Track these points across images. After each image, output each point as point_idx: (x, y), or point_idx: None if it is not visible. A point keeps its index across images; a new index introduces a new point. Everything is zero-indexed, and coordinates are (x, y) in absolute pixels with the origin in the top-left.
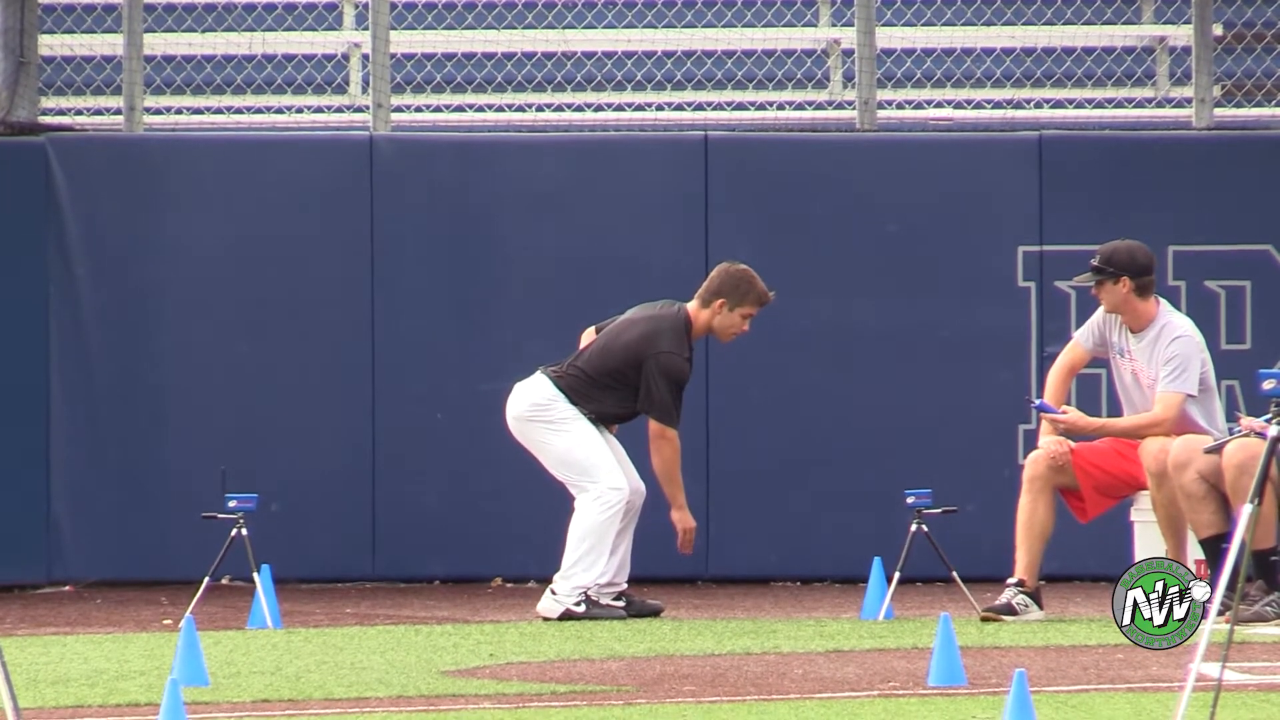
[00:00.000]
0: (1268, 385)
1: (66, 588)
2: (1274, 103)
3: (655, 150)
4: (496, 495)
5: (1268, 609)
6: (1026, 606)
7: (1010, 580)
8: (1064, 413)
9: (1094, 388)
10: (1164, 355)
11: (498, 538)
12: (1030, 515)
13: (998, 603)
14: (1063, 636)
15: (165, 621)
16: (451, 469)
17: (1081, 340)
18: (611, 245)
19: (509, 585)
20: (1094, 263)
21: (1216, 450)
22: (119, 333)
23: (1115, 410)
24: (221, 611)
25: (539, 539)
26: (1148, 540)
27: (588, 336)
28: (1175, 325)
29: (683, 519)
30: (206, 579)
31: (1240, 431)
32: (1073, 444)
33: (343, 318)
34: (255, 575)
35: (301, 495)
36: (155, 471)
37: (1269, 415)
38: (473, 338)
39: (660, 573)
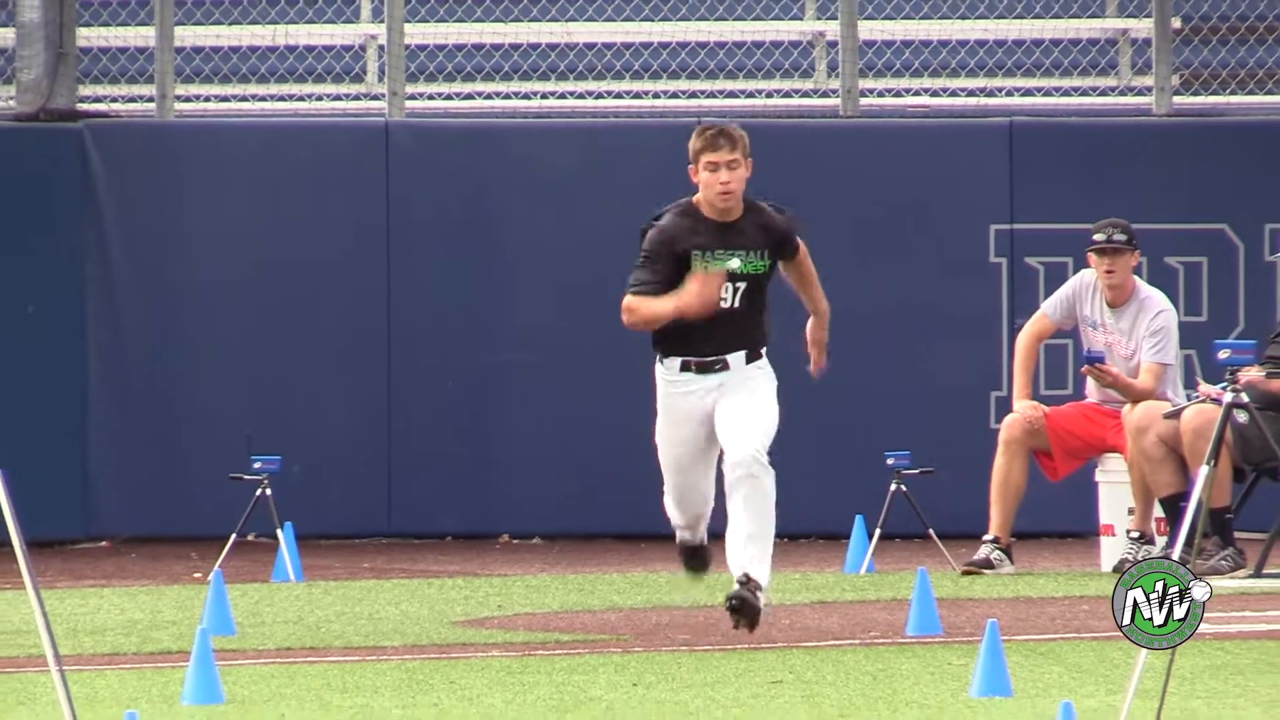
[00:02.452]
0: (1223, 355)
1: (103, 543)
2: (1229, 91)
3: (652, 135)
4: (503, 458)
5: (1223, 563)
6: (1001, 561)
7: (986, 537)
8: (1110, 371)
9: (1060, 357)
10: (1149, 328)
11: (504, 497)
12: (1005, 475)
13: (976, 558)
14: (1032, 589)
15: (195, 575)
16: (461, 433)
17: (1048, 312)
18: (611, 223)
19: (515, 541)
20: (1116, 236)
21: (1175, 415)
22: (151, 306)
23: (1079, 378)
24: (247, 566)
25: (542, 499)
26: (1111, 499)
27: None
28: (1156, 300)
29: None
30: (233, 535)
31: (1197, 398)
32: (1045, 409)
33: (360, 293)
34: (278, 532)
35: (321, 457)
36: (185, 435)
37: (1224, 383)
38: (481, 312)
39: (650, 529)
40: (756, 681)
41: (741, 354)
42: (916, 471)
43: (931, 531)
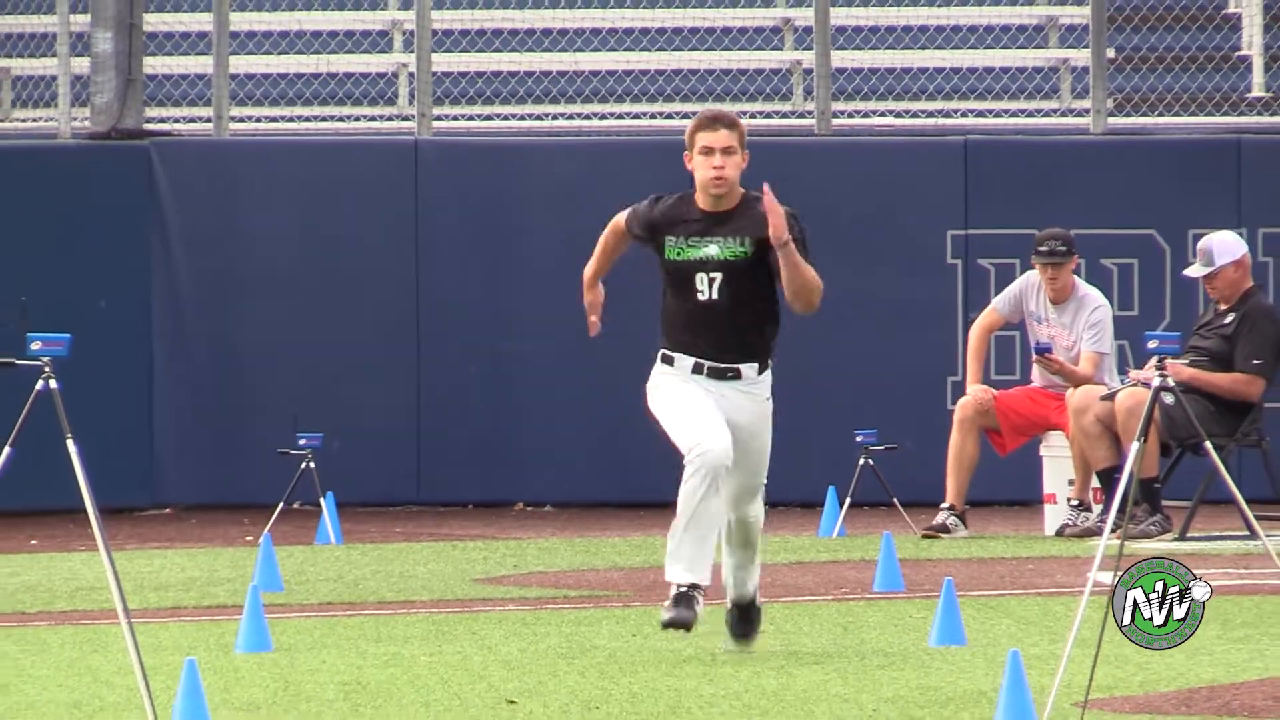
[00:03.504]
0: (1152, 344)
1: (166, 510)
2: (1156, 113)
3: (649, 151)
4: (519, 434)
5: (1151, 527)
6: (956, 526)
7: (943, 505)
8: (1056, 361)
9: (1009, 347)
10: (1088, 322)
11: (520, 469)
12: (960, 450)
13: (934, 523)
14: (984, 550)
15: (247, 538)
16: (482, 413)
17: (998, 307)
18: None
19: (529, 509)
20: (1060, 247)
21: (1110, 398)
22: (208, 301)
23: (1026, 365)
24: (293, 530)
25: (554, 471)
26: (1054, 471)
27: None
28: (1094, 297)
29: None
30: (281, 503)
31: (1130, 383)
32: (995, 392)
33: (392, 290)
34: (321, 500)
35: (359, 434)
36: (239, 415)
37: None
38: (499, 307)
39: (649, 498)
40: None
41: (754, 365)
42: (882, 447)
43: (895, 500)
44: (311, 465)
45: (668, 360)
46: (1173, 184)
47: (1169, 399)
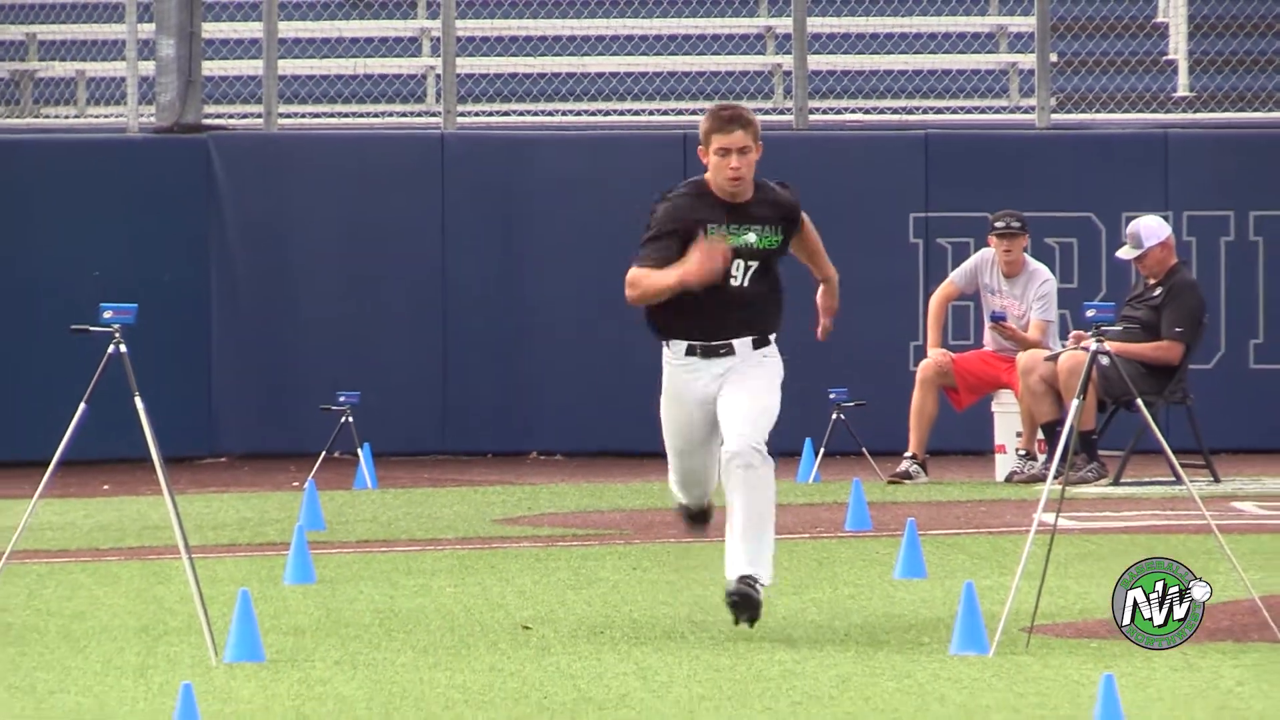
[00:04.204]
0: (1090, 314)
1: (222, 459)
2: (1094, 110)
3: (647, 144)
4: (532, 392)
5: (1089, 474)
6: (918, 473)
7: (906, 454)
8: (1011, 327)
9: (964, 315)
10: (1036, 293)
11: (534, 423)
12: (920, 406)
13: (898, 470)
14: (942, 494)
15: (294, 484)
16: (499, 374)
17: (956, 280)
18: (616, 212)
19: (542, 457)
20: (1014, 224)
21: (1054, 359)
22: (259, 274)
23: (979, 330)
24: (334, 477)
25: (564, 424)
26: (1004, 425)
27: None
28: (1042, 272)
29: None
30: (323, 453)
31: (1070, 347)
32: (952, 355)
33: (420, 265)
34: (359, 450)
35: (392, 391)
36: (286, 375)
37: (1090, 335)
38: (515, 281)
39: (647, 448)
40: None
41: (748, 340)
42: (852, 404)
43: (864, 450)
44: (350, 419)
45: (666, 344)
46: (1108, 173)
47: (1105, 361)
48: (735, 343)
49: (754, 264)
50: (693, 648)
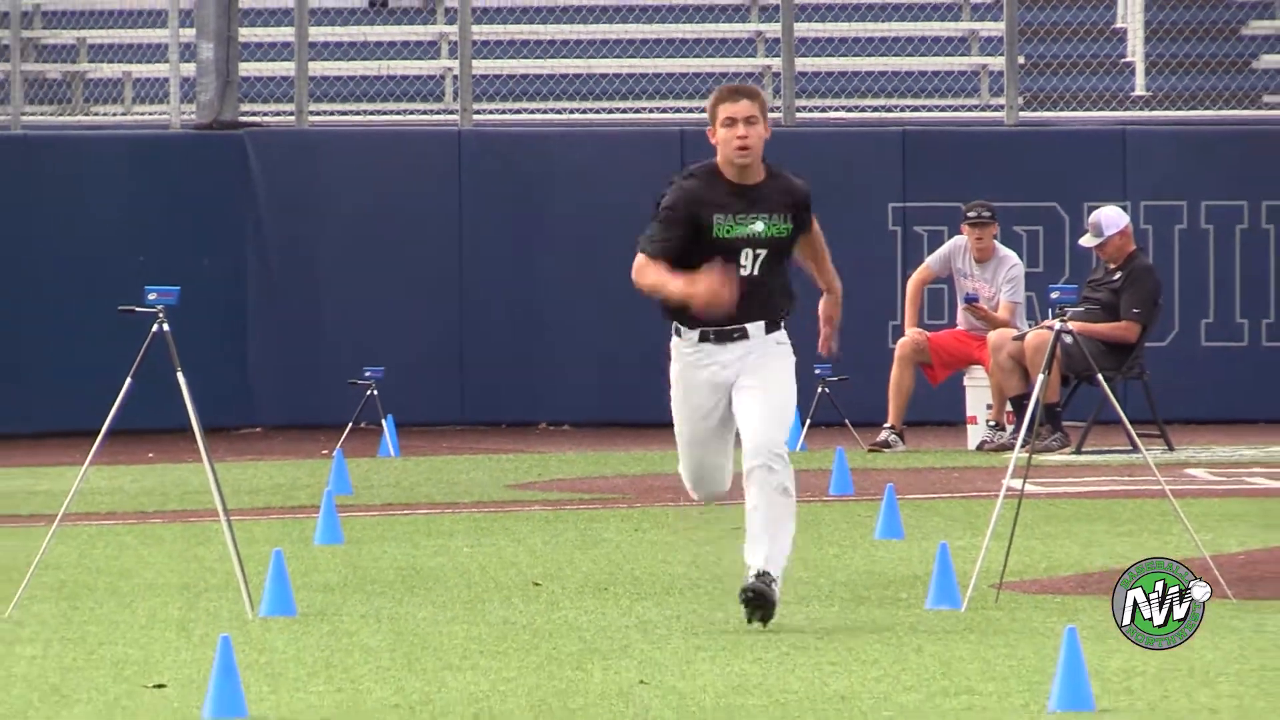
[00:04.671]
0: (1055, 295)
1: (257, 429)
2: (1058, 108)
3: (647, 139)
4: (543, 367)
5: (1053, 443)
6: (896, 442)
7: (885, 425)
8: (982, 308)
9: (939, 297)
10: (1006, 277)
11: (544, 395)
12: (899, 381)
13: (878, 440)
14: (918, 461)
15: (323, 452)
16: (512, 350)
17: (931, 264)
18: (620, 201)
19: (551, 428)
20: (985, 213)
21: (1021, 338)
22: (291, 258)
23: (953, 311)
24: (360, 445)
25: (572, 397)
26: (975, 398)
27: None
28: (1011, 257)
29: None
30: (350, 424)
31: (1036, 326)
32: (928, 333)
33: (440, 249)
34: (383, 421)
35: (413, 367)
36: (316, 352)
37: (1055, 316)
38: (526, 265)
39: (649, 419)
40: (722, 528)
41: (761, 324)
42: (836, 379)
43: (847, 421)
44: (375, 393)
45: (677, 332)
46: (1071, 166)
47: (1068, 340)
48: (749, 327)
49: (763, 252)
50: (689, 602)
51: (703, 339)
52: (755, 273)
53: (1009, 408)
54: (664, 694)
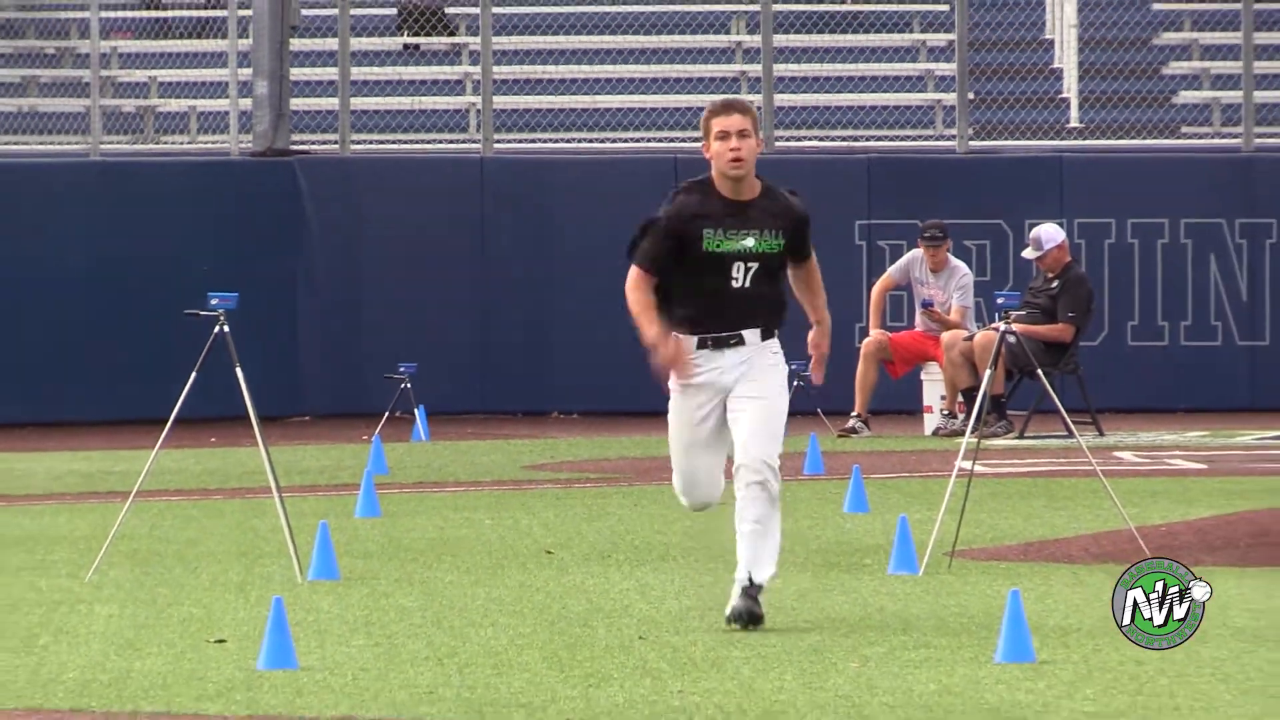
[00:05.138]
0: (1000, 301)
1: (306, 417)
2: (1003, 138)
3: (644, 164)
4: (555, 363)
5: (999, 429)
6: (862, 429)
7: (853, 414)
8: (937, 311)
9: (899, 302)
10: (957, 285)
11: (556, 388)
12: (864, 375)
13: (846, 426)
14: (881, 445)
15: (364, 437)
16: (528, 349)
17: (892, 274)
18: (620, 218)
19: (562, 416)
20: (939, 230)
21: (970, 339)
22: (335, 268)
23: (911, 314)
24: (395, 431)
25: (581, 389)
26: (931, 390)
27: None
28: (962, 267)
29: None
30: (387, 413)
31: (984, 328)
32: (889, 334)
33: (465, 263)
34: (415, 410)
35: (442, 363)
36: (357, 350)
37: (1000, 319)
38: (541, 275)
39: (649, 408)
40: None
41: (757, 331)
42: (809, 374)
43: (819, 410)
44: (408, 385)
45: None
46: (1014, 188)
47: (1012, 339)
48: (745, 334)
49: (754, 265)
50: (682, 568)
51: (701, 345)
52: (747, 285)
53: (960, 398)
54: (659, 648)
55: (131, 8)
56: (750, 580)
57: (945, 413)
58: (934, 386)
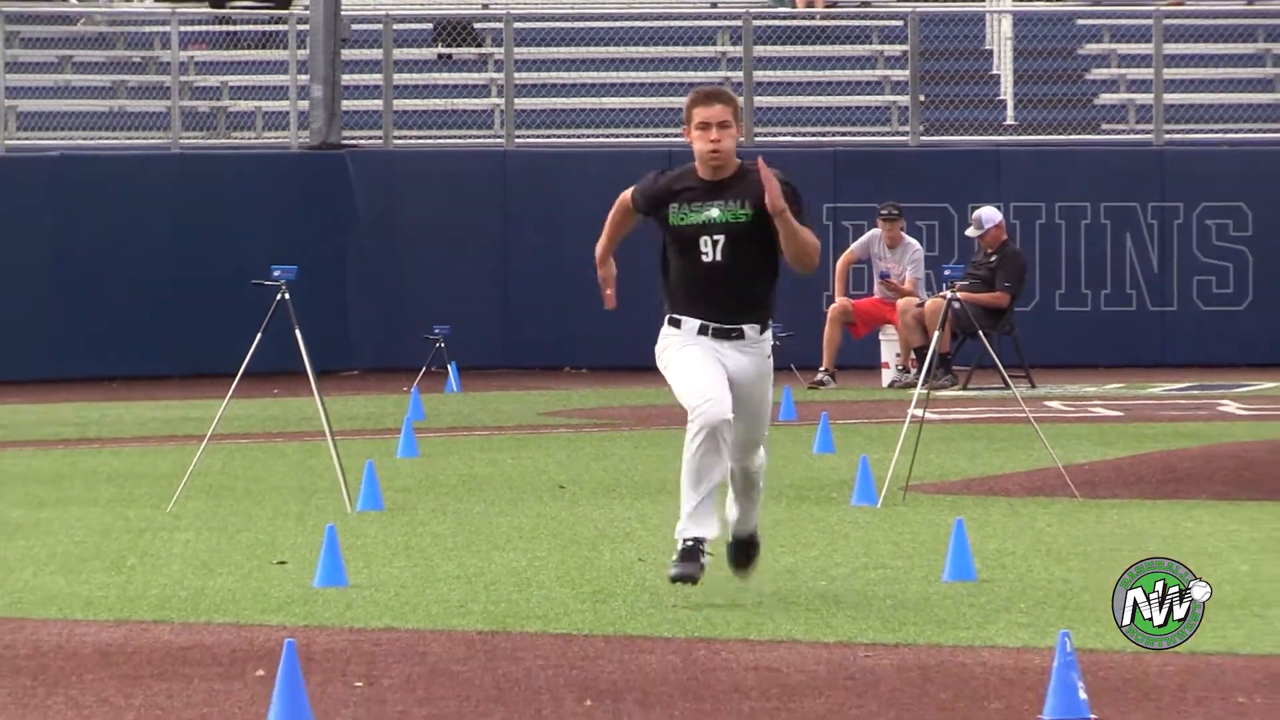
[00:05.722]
0: (947, 273)
1: (355, 371)
2: (949, 134)
3: (644, 156)
4: (567, 325)
5: (945, 382)
6: (829, 381)
7: (821, 369)
8: (893, 282)
9: (861, 274)
10: (910, 259)
11: (569, 346)
12: (830, 335)
13: (815, 379)
14: (845, 396)
15: (404, 389)
16: (545, 313)
17: (855, 249)
18: None
19: (573, 370)
20: (894, 211)
21: (921, 305)
22: (380, 245)
23: (871, 284)
24: (431, 384)
25: (589, 346)
26: (888, 349)
27: None
28: (914, 243)
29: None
30: (424, 368)
31: (933, 295)
32: (852, 301)
33: (491, 239)
34: (448, 366)
35: (471, 325)
36: (399, 314)
37: (947, 288)
38: (555, 253)
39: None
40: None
41: (756, 326)
42: (784, 334)
43: (792, 366)
44: (442, 345)
45: (674, 323)
46: (959, 177)
47: (957, 305)
48: (745, 328)
49: (720, 238)
50: (675, 501)
51: (701, 332)
52: (719, 258)
53: (913, 356)
54: (656, 569)
55: (206, 22)
56: (744, 531)
57: (900, 368)
58: (890, 346)
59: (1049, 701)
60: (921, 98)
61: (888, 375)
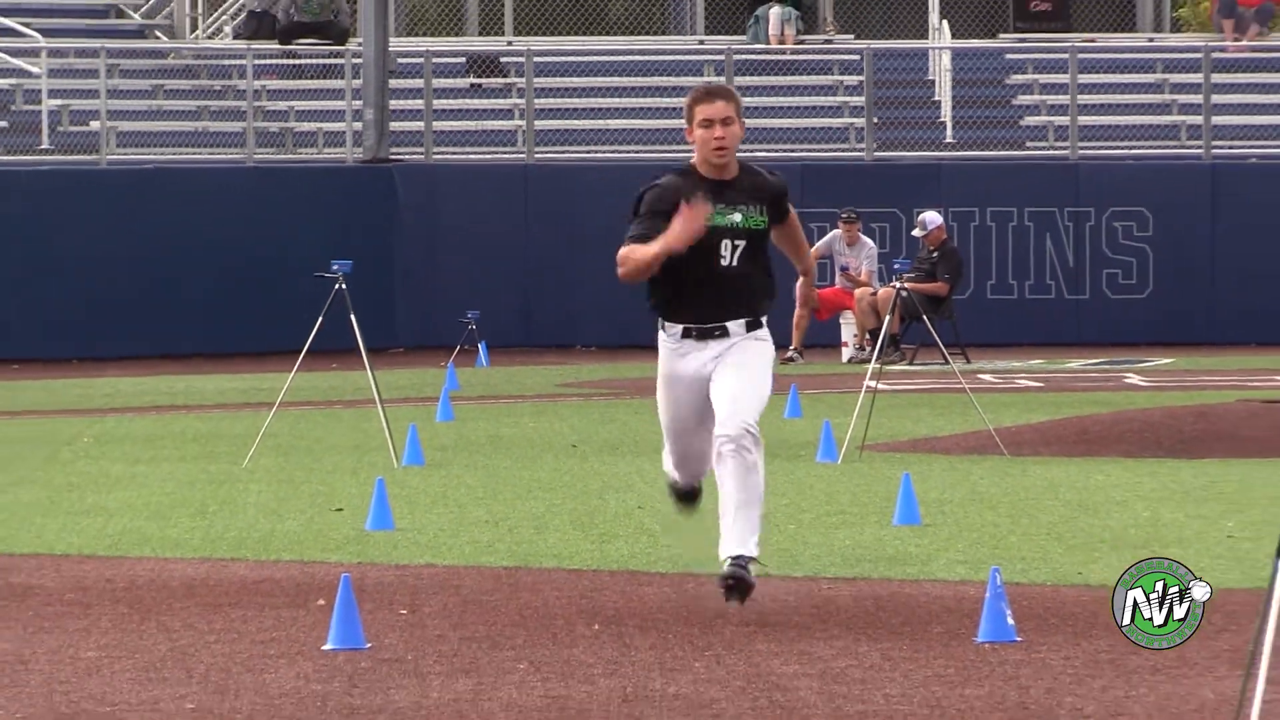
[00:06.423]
0: (896, 266)
1: (400, 349)
2: (899, 151)
3: (644, 171)
4: (580, 309)
5: (895, 359)
6: (798, 358)
7: (791, 347)
8: (852, 274)
9: (824, 267)
10: (865, 255)
11: (581, 327)
12: (799, 319)
13: (786, 356)
14: (811, 370)
15: (441, 364)
16: (560, 299)
17: (819, 247)
18: (626, 208)
19: (584, 348)
20: (853, 215)
21: (875, 293)
22: (422, 244)
23: (833, 275)
24: (464, 360)
25: (599, 326)
26: (847, 330)
27: None
28: (870, 242)
29: (671, 240)
30: (458, 346)
31: (885, 285)
32: (817, 290)
33: (515, 241)
34: (479, 345)
35: (498, 310)
36: (437, 301)
37: (896, 279)
38: (568, 251)
39: (648, 343)
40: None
41: (742, 322)
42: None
43: None
44: (473, 327)
45: (662, 327)
46: (906, 186)
47: (904, 294)
48: (729, 325)
49: (741, 243)
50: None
51: (685, 335)
52: (735, 264)
53: (868, 336)
54: (653, 515)
55: (275, 57)
56: (737, 555)
57: (857, 346)
58: (849, 328)
59: (982, 626)
60: (875, 120)
61: (846, 352)
